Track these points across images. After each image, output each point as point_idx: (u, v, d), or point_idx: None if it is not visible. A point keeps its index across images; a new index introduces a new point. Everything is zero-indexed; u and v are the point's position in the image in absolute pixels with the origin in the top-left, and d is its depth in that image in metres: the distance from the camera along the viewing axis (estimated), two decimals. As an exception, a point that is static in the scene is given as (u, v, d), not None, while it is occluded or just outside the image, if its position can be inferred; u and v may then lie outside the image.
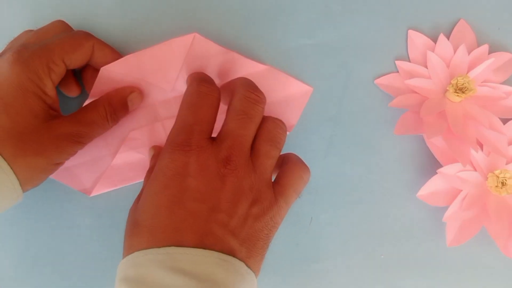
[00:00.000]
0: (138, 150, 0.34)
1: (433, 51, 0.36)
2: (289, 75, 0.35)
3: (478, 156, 0.34)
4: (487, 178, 0.34)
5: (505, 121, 0.35)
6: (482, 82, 0.35)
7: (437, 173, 0.34)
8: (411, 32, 0.36)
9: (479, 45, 0.36)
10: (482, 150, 0.34)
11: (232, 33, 0.36)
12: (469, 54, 0.36)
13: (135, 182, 0.35)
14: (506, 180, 0.33)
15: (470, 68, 0.35)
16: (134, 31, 0.36)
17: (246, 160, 0.26)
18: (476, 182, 0.34)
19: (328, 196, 0.36)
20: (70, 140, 0.30)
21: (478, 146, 0.34)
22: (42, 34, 0.32)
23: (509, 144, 0.34)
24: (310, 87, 0.36)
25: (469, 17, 0.37)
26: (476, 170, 0.34)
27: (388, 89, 0.36)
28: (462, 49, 0.35)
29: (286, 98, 0.35)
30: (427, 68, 0.36)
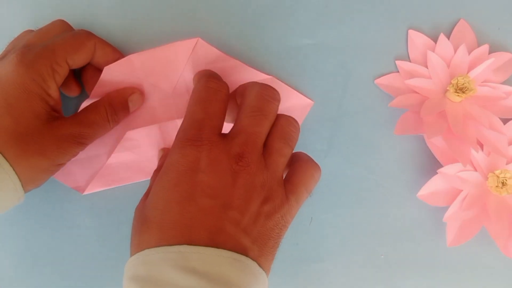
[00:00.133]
0: (133, 151, 0.34)
1: (434, 51, 0.36)
2: (291, 87, 0.35)
3: (478, 156, 0.34)
4: (487, 178, 0.34)
5: (505, 121, 0.35)
6: (482, 82, 0.35)
7: (437, 173, 0.34)
8: (411, 32, 0.36)
9: (479, 45, 0.36)
10: (483, 150, 0.34)
11: (232, 33, 0.36)
12: (469, 54, 0.36)
13: (129, 183, 0.35)
14: (506, 180, 0.33)
15: (470, 68, 0.35)
16: (134, 31, 0.36)
17: (258, 157, 0.25)
18: (477, 182, 0.34)
19: (328, 196, 0.36)
20: (72, 141, 0.30)
21: (479, 146, 0.34)
22: (43, 34, 0.32)
23: (509, 144, 0.34)
24: (311, 100, 0.36)
25: (469, 17, 0.37)
26: (476, 170, 0.34)
27: (388, 89, 0.36)
28: (463, 49, 0.35)
29: (287, 109, 0.35)
30: (428, 68, 0.36)
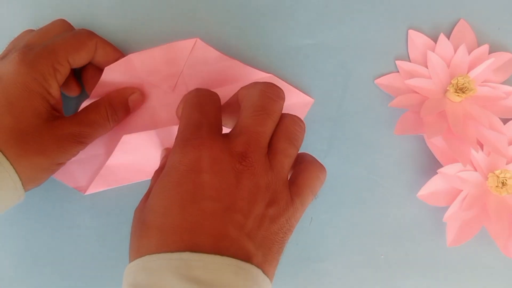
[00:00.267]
0: (133, 153, 0.34)
1: (434, 51, 0.36)
2: (291, 85, 0.35)
3: (478, 156, 0.34)
4: (487, 178, 0.34)
5: (505, 121, 0.35)
6: (482, 82, 0.35)
7: (437, 173, 0.34)
8: (411, 32, 0.36)
9: (479, 45, 0.36)
10: (483, 150, 0.34)
11: (232, 33, 0.36)
12: (469, 54, 0.36)
13: (130, 183, 0.35)
14: (506, 180, 0.33)
15: (470, 68, 0.35)
16: (134, 31, 0.36)
17: (263, 157, 0.24)
18: (477, 182, 0.34)
19: (328, 196, 0.36)
20: (72, 140, 0.30)
21: (479, 146, 0.34)
22: (44, 34, 0.32)
23: (509, 144, 0.34)
24: (311, 98, 0.36)
25: (469, 17, 0.37)
26: (476, 170, 0.34)
27: (388, 89, 0.36)
28: (463, 49, 0.35)
29: (287, 108, 0.35)
30: (428, 68, 0.36)
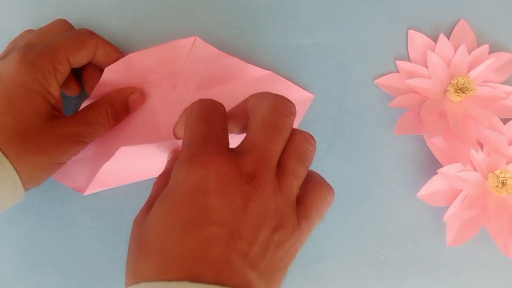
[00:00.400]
0: (130, 156, 0.34)
1: (434, 51, 0.36)
2: (291, 82, 0.35)
3: (478, 156, 0.34)
4: (487, 178, 0.34)
5: (505, 121, 0.35)
6: (482, 82, 0.35)
7: (437, 173, 0.34)
8: (411, 32, 0.36)
9: (479, 45, 0.36)
10: (483, 150, 0.34)
11: (232, 33, 0.36)
12: (469, 54, 0.36)
13: (130, 183, 0.35)
14: (506, 180, 0.33)
15: (470, 68, 0.35)
16: (134, 31, 0.36)
17: (272, 178, 0.22)
18: (477, 182, 0.34)
19: (328, 196, 0.36)
20: (72, 140, 0.30)
21: (478, 146, 0.34)
22: (45, 34, 0.32)
23: (509, 144, 0.34)
24: (311, 94, 0.36)
25: (469, 17, 0.37)
26: (476, 170, 0.34)
27: (388, 89, 0.36)
28: (463, 49, 0.35)
29: None
30: (428, 68, 0.36)
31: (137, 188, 0.35)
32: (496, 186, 0.33)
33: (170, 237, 0.21)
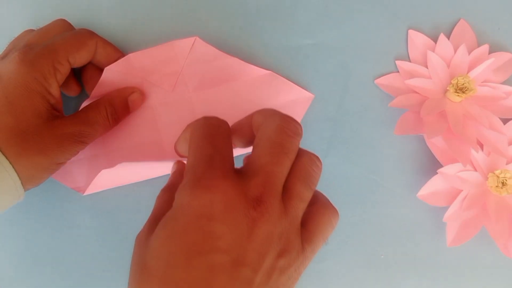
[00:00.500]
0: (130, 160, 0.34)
1: (434, 51, 0.36)
2: (291, 81, 0.35)
3: (478, 156, 0.34)
4: (487, 178, 0.34)
5: (505, 121, 0.35)
6: (482, 82, 0.35)
7: (437, 173, 0.34)
8: (411, 32, 0.36)
9: (479, 45, 0.36)
10: (483, 150, 0.34)
11: (232, 33, 0.36)
12: (469, 54, 0.36)
13: (130, 183, 0.35)
14: (506, 180, 0.33)
15: (470, 68, 0.35)
16: (134, 31, 0.36)
17: (278, 202, 0.22)
18: (477, 182, 0.34)
19: (328, 196, 0.35)
20: (72, 140, 0.30)
21: (478, 146, 0.34)
22: (45, 34, 0.32)
23: (509, 144, 0.34)
24: (311, 94, 0.36)
25: (469, 17, 0.37)
26: (476, 170, 0.34)
27: (388, 89, 0.36)
28: (463, 49, 0.35)
29: (287, 104, 0.35)
30: (428, 68, 0.36)
31: (137, 188, 0.35)
32: (496, 186, 0.33)
33: (172, 265, 0.21)
